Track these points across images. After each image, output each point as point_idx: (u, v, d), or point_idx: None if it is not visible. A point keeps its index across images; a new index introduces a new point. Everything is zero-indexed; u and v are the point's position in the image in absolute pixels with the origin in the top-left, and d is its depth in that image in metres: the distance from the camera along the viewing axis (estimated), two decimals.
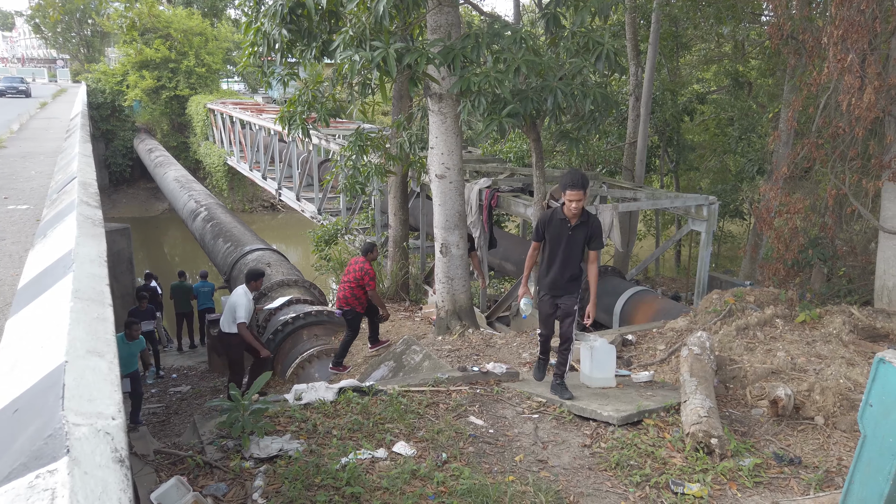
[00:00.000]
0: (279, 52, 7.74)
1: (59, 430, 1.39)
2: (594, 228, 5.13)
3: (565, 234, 5.09)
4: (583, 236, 5.11)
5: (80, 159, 6.28)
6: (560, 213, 5.08)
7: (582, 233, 5.10)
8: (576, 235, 5.10)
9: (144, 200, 32.63)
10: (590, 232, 5.13)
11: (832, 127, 7.67)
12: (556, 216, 5.11)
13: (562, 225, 5.09)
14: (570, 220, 5.06)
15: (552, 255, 5.21)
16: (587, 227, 5.10)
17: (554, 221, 5.13)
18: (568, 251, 5.14)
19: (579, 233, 5.10)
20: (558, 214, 5.09)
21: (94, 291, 2.25)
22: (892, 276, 7.57)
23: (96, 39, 42.83)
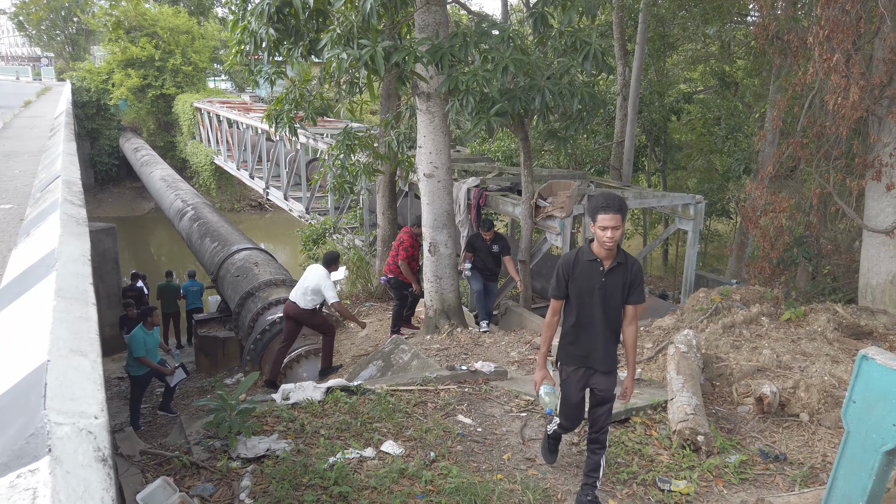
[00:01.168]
0: (266, 51, 7.70)
1: (41, 429, 1.38)
2: (635, 274, 3.75)
3: (597, 281, 3.71)
4: (621, 284, 3.73)
5: (64, 158, 6.22)
6: (588, 253, 3.73)
7: (619, 279, 3.72)
8: (612, 283, 3.72)
9: (130, 200, 32.35)
10: (630, 278, 3.73)
11: (817, 126, 7.74)
12: (583, 257, 3.75)
13: (592, 269, 3.73)
14: (604, 261, 3.69)
15: (582, 314, 3.80)
16: (625, 272, 3.72)
17: (580, 265, 3.75)
18: (605, 306, 3.74)
19: (616, 279, 3.72)
20: (585, 255, 3.74)
21: (78, 290, 2.23)
22: (875, 274, 7.65)
23: (81, 37, 42.43)
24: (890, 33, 6.79)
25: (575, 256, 3.81)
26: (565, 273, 3.80)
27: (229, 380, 10.08)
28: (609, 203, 3.56)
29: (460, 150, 15.00)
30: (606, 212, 3.56)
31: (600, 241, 3.61)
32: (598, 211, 3.58)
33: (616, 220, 3.55)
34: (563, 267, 3.83)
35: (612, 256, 3.70)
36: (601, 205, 3.58)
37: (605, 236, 3.58)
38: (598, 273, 3.71)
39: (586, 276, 3.73)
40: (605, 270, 3.70)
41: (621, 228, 3.59)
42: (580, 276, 3.75)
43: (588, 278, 3.73)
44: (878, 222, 7.53)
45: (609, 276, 3.71)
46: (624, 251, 3.79)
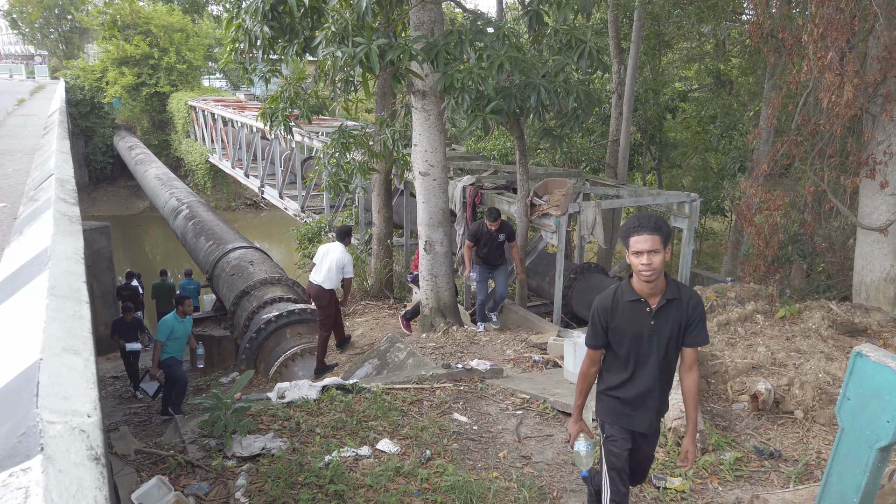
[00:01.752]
0: (261, 49, 7.68)
1: (33, 428, 1.37)
2: (693, 310, 3.02)
3: (645, 326, 3.00)
4: (676, 325, 3.01)
5: (58, 156, 6.19)
6: (628, 292, 3.02)
7: (673, 319, 3.00)
8: (664, 326, 3.00)
9: (125, 198, 32.23)
10: (688, 316, 3.01)
11: (811, 124, 7.76)
12: (622, 297, 3.04)
13: (636, 312, 3.01)
14: (649, 299, 2.99)
15: (628, 365, 3.10)
16: (681, 309, 3.00)
17: (620, 308, 3.04)
18: (657, 354, 3.04)
19: (669, 320, 3.00)
20: (625, 294, 3.03)
21: (71, 289, 2.22)
22: (869, 271, 7.68)
23: (75, 35, 42.22)
24: (884, 31, 6.81)
25: (613, 297, 3.05)
26: (602, 319, 3.07)
27: (225, 378, 10.05)
28: (642, 222, 2.87)
29: (456, 149, 14.98)
30: (639, 232, 2.85)
31: (636, 270, 2.91)
32: (630, 232, 2.89)
33: (652, 241, 2.83)
34: (598, 312, 3.08)
35: (658, 291, 2.96)
36: (632, 225, 2.90)
37: (639, 263, 2.86)
38: (645, 315, 2.98)
39: (630, 320, 3.01)
40: (653, 311, 2.97)
41: (662, 254, 2.85)
42: (622, 321, 3.02)
43: (632, 323, 3.00)
44: (873, 220, 7.55)
45: (659, 317, 2.98)
46: (676, 282, 3.05)
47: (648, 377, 3.09)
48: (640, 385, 3.10)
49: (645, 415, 3.15)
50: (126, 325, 10.22)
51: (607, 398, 3.21)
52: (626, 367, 3.11)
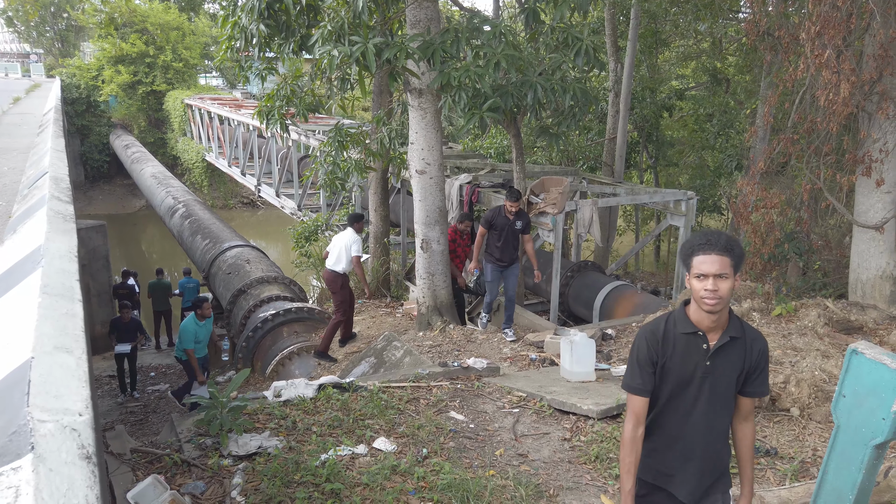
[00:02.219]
0: (257, 47, 7.66)
1: (24, 426, 1.36)
2: (759, 355, 2.49)
3: (699, 365, 2.47)
4: (736, 369, 2.49)
5: (53, 154, 6.17)
6: (683, 322, 2.48)
7: (734, 362, 2.48)
8: (722, 368, 2.47)
9: (121, 197, 32.16)
10: (752, 361, 2.49)
11: (807, 122, 7.77)
12: (675, 328, 2.49)
13: (690, 347, 2.47)
14: (708, 334, 2.46)
15: (672, 414, 2.56)
16: (744, 351, 2.48)
17: (672, 340, 2.49)
18: (710, 402, 2.51)
19: (728, 362, 2.48)
20: (679, 324, 2.49)
21: (64, 287, 2.20)
22: (865, 269, 7.69)
23: (71, 34, 42.09)
24: (880, 29, 6.82)
25: (664, 326, 2.49)
26: (652, 354, 2.49)
27: (221, 377, 10.04)
28: (710, 240, 2.36)
29: (452, 147, 14.98)
30: (706, 251, 2.35)
31: (698, 298, 2.38)
32: (695, 251, 2.39)
33: (721, 264, 2.32)
34: (647, 344, 2.50)
35: (720, 326, 2.44)
36: (698, 242, 2.39)
37: (702, 289, 2.34)
38: (700, 353, 2.45)
39: (681, 357, 2.47)
40: (712, 349, 2.44)
41: (731, 280, 2.34)
42: (673, 357, 2.48)
43: (684, 361, 2.47)
44: (868, 218, 7.57)
45: (717, 357, 2.45)
46: (740, 319, 2.51)
47: (694, 431, 2.51)
48: (683, 440, 2.54)
49: (688, 479, 2.55)
50: (123, 324, 10.05)
51: (646, 462, 2.62)
52: (668, 417, 2.54)
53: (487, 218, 7.50)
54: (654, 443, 2.62)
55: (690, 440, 2.55)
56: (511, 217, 7.39)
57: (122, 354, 9.98)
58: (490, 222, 7.44)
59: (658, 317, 2.63)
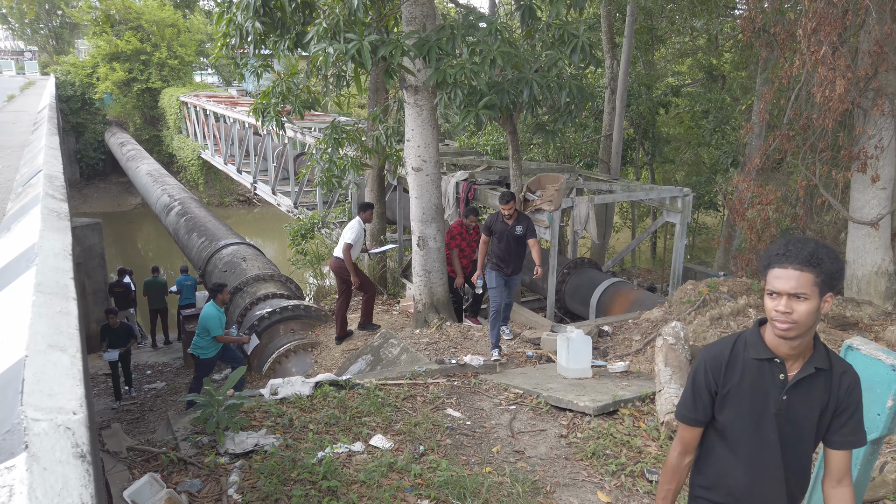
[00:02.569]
0: (252, 44, 7.64)
1: (18, 425, 1.36)
2: (848, 391, 2.10)
3: (773, 399, 2.09)
4: (818, 407, 2.09)
5: (47, 152, 6.15)
6: (757, 345, 2.11)
7: (816, 398, 2.09)
8: (801, 405, 2.08)
9: (117, 195, 32.07)
10: (839, 399, 2.10)
11: (803, 119, 7.78)
12: (745, 351, 2.14)
13: (763, 375, 2.10)
14: (787, 361, 2.08)
15: (739, 455, 2.17)
16: (830, 386, 2.09)
17: (741, 366, 2.12)
18: (785, 445, 2.12)
19: (809, 398, 2.09)
20: (751, 347, 2.12)
21: (58, 285, 2.19)
22: (861, 265, 7.71)
23: (65, 31, 41.91)
24: (875, 26, 6.83)
25: (731, 349, 2.12)
26: (713, 379, 2.14)
27: (217, 375, 10.03)
28: (790, 249, 1.97)
29: (449, 144, 14.97)
30: (782, 263, 1.97)
31: (771, 319, 2.00)
32: (772, 262, 2.01)
33: (799, 281, 1.92)
34: (708, 367, 2.15)
35: (802, 353, 2.05)
36: (776, 252, 2.01)
37: (772, 310, 1.98)
38: (776, 385, 2.06)
39: (752, 387, 2.08)
40: (790, 381, 2.05)
41: (813, 301, 1.93)
42: (740, 386, 2.09)
43: (755, 392, 2.08)
44: (864, 214, 7.58)
45: (797, 392, 2.06)
46: (826, 347, 2.10)
47: (768, 478, 2.11)
48: (754, 488, 2.13)
49: None
50: (113, 331, 9.83)
51: (702, 500, 2.26)
52: (734, 456, 2.14)
53: (487, 224, 7.09)
54: (707, 480, 2.22)
55: (763, 490, 2.12)
56: (509, 222, 6.86)
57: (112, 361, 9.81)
58: (490, 228, 7.02)
59: (725, 337, 2.21)
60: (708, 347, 2.22)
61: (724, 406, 2.14)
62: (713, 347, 2.20)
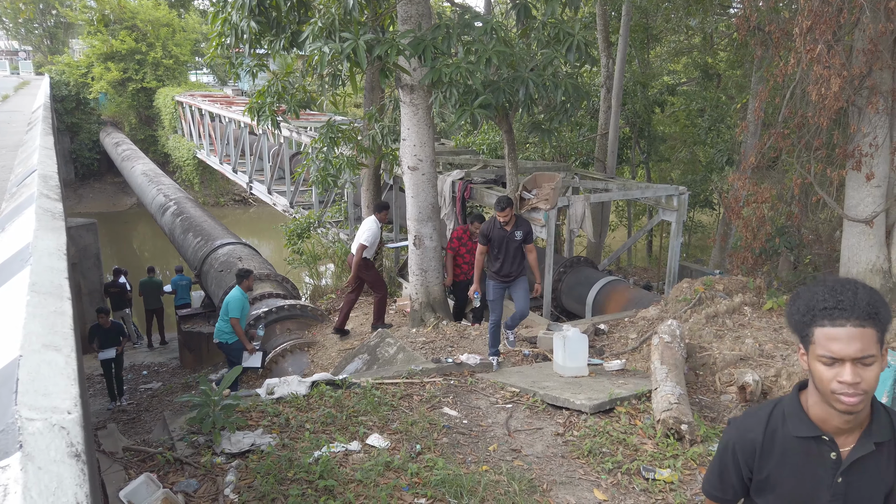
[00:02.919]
0: (247, 43, 7.63)
1: (12, 425, 1.35)
2: None
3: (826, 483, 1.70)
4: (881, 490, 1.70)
5: (41, 152, 6.13)
6: (799, 419, 1.72)
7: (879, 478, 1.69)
8: (859, 487, 1.69)
9: (112, 195, 31.96)
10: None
11: (798, 117, 7.80)
12: (783, 427, 1.74)
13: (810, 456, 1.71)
14: (838, 437, 1.69)
15: None
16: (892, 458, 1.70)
17: (781, 445, 1.73)
18: None
19: (870, 476, 1.69)
20: (794, 422, 1.72)
21: (52, 285, 2.19)
22: (856, 263, 7.73)
23: (60, 31, 41.76)
24: (869, 24, 6.84)
25: (766, 426, 1.74)
26: (743, 462, 1.78)
27: (213, 375, 10.01)
28: (841, 301, 1.57)
29: (445, 143, 14.97)
30: (836, 320, 1.56)
31: (827, 392, 1.58)
32: (816, 317, 1.59)
33: (864, 340, 1.54)
34: (737, 449, 1.78)
35: (858, 425, 1.67)
36: (822, 302, 1.59)
37: (833, 381, 1.57)
38: (828, 466, 1.68)
39: (797, 471, 1.71)
40: (845, 461, 1.67)
41: (879, 361, 1.56)
42: (782, 470, 1.73)
43: (802, 477, 1.71)
44: (859, 212, 7.61)
45: (855, 473, 1.68)
46: (887, 410, 1.72)
47: None
48: None
49: None
50: (104, 331, 9.70)
51: None
52: None
53: (484, 232, 6.43)
54: None
55: None
56: (508, 228, 6.34)
57: (107, 360, 9.68)
58: (487, 236, 6.39)
59: (755, 410, 1.78)
60: (736, 424, 1.80)
61: (764, 491, 1.76)
62: (742, 424, 1.77)
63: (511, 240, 6.33)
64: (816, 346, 1.59)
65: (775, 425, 1.74)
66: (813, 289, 1.64)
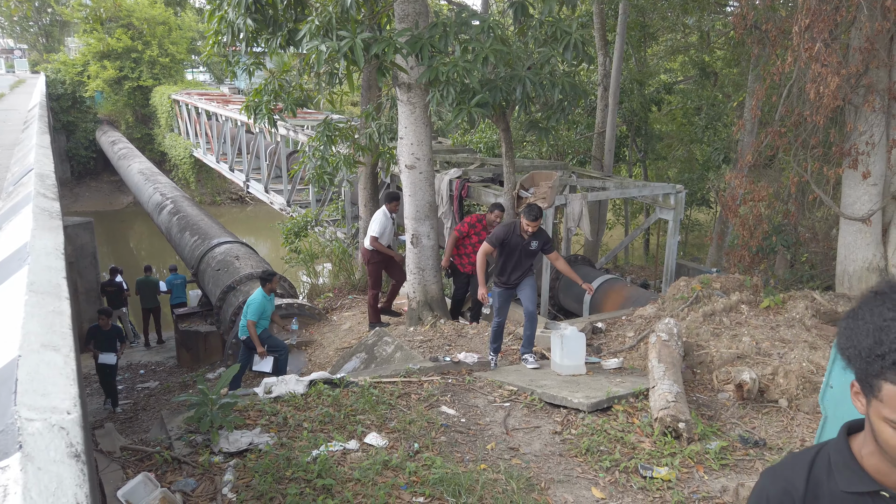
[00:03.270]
0: (244, 42, 7.61)
1: (11, 425, 1.35)
2: None
3: None
4: None
5: (38, 150, 6.11)
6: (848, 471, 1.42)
7: None
8: None
9: (108, 194, 31.89)
10: None
11: (795, 115, 7.81)
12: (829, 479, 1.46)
13: None
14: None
15: None
16: None
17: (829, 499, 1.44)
18: None
19: None
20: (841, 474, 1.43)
21: (51, 284, 2.18)
22: (852, 261, 7.76)
23: (55, 29, 41.63)
24: (866, 22, 6.86)
25: (807, 475, 1.50)
26: None
27: (211, 374, 10.00)
28: None
29: (442, 142, 14.95)
30: None
31: (892, 446, 1.32)
32: (886, 369, 1.29)
33: None
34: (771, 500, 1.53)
35: None
36: (890, 355, 1.29)
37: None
38: None
39: None
40: None
41: None
42: None
43: None
44: (855, 210, 7.63)
45: None
46: None
47: None
48: None
49: None
50: (103, 333, 9.34)
51: None
52: None
53: (500, 237, 6.15)
54: None
55: None
56: (526, 237, 6.13)
57: (105, 365, 9.39)
58: (502, 241, 6.13)
59: (794, 457, 1.56)
60: (771, 475, 1.56)
61: None
62: (778, 475, 1.53)
63: (526, 249, 6.11)
64: (884, 405, 1.29)
65: (818, 477, 1.47)
66: (882, 316, 1.28)
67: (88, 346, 9.48)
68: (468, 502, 3.70)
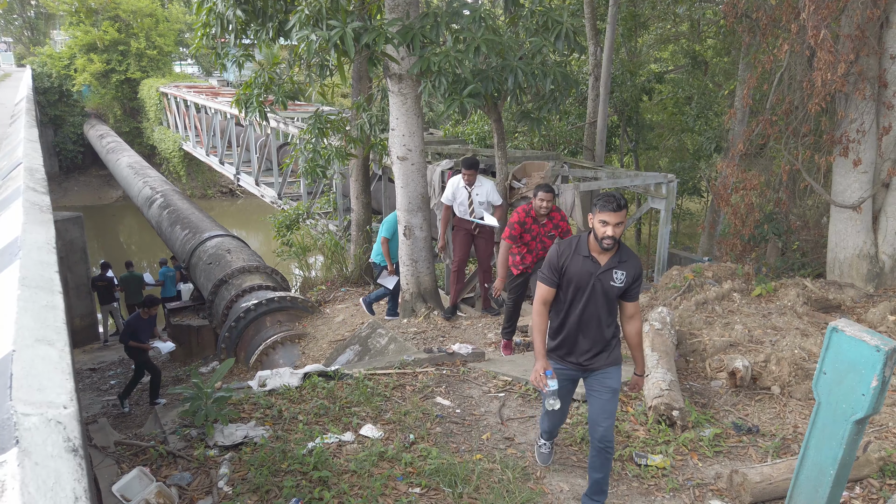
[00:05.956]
0: (233, 33, 7.54)
1: (8, 420, 1.34)
2: None
3: None
4: None
5: (26, 145, 6.05)
6: None
7: None
8: None
9: (97, 188, 31.64)
10: None
11: (785, 104, 7.83)
12: None
13: None
14: None
15: None
16: None
17: None
18: None
19: None
20: None
21: (43, 279, 2.16)
22: (843, 248, 7.81)
23: (41, 21, 41.15)
24: (857, 10, 6.87)
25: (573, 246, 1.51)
26: None
27: (204, 368, 9.98)
28: None
29: (434, 133, 14.92)
30: None
31: None
32: None
33: None
34: None
35: None
36: None
37: None
38: None
39: None
40: None
41: None
42: None
43: None
44: (846, 198, 7.67)
45: None
46: None
47: None
48: None
49: None
50: (144, 322, 8.80)
51: None
52: None
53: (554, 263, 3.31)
54: None
55: None
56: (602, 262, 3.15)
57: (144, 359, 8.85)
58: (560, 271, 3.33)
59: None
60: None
61: None
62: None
63: (604, 283, 3.28)
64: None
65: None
66: None
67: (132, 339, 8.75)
68: (464, 492, 3.71)
